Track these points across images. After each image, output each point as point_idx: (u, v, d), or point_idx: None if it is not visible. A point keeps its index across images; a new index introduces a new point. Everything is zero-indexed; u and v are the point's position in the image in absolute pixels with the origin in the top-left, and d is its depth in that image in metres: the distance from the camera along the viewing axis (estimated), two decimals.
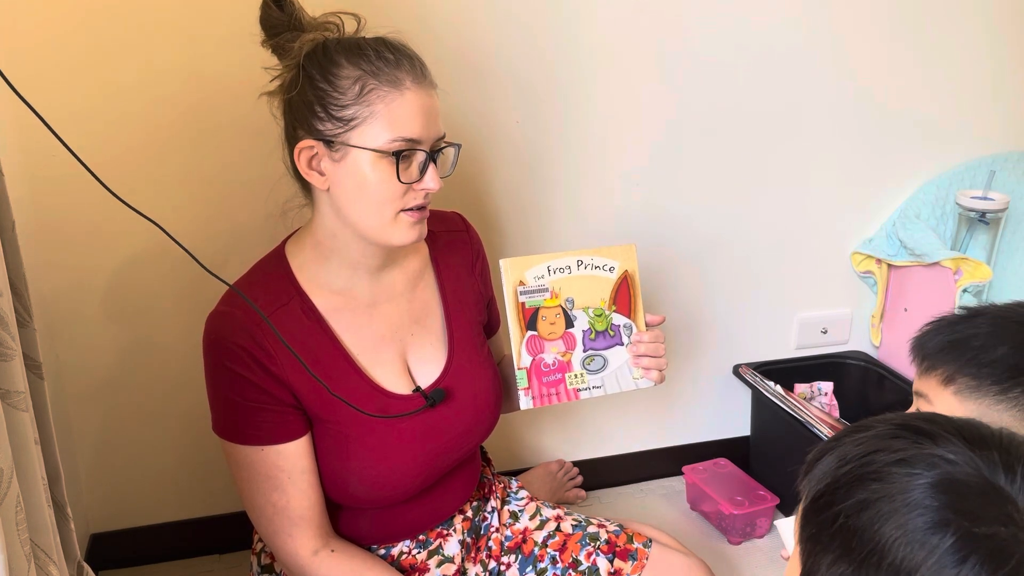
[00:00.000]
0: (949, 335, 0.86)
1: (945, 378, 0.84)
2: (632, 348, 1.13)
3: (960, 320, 0.87)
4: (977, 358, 0.82)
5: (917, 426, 0.55)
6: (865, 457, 0.54)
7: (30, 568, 0.67)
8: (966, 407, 0.83)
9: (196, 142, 1.35)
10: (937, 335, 0.87)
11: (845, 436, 0.58)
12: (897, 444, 0.54)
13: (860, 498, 0.53)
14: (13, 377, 0.69)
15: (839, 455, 0.56)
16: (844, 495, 0.54)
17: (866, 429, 0.57)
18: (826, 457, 0.57)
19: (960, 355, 0.83)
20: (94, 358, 1.43)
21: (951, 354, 0.84)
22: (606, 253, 1.11)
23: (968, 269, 1.54)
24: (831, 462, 0.56)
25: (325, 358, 1.05)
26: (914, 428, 0.55)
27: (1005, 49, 1.68)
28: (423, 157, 0.99)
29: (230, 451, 1.05)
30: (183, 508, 1.57)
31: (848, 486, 0.54)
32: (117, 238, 1.38)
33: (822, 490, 0.56)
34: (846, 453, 0.56)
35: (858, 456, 0.55)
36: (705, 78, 1.54)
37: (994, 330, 0.83)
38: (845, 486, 0.54)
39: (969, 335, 0.84)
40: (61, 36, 1.25)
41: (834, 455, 0.57)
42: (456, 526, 1.19)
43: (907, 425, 0.56)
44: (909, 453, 0.53)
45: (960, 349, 0.84)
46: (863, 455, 0.55)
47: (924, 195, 1.71)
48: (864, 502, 0.52)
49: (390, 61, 0.97)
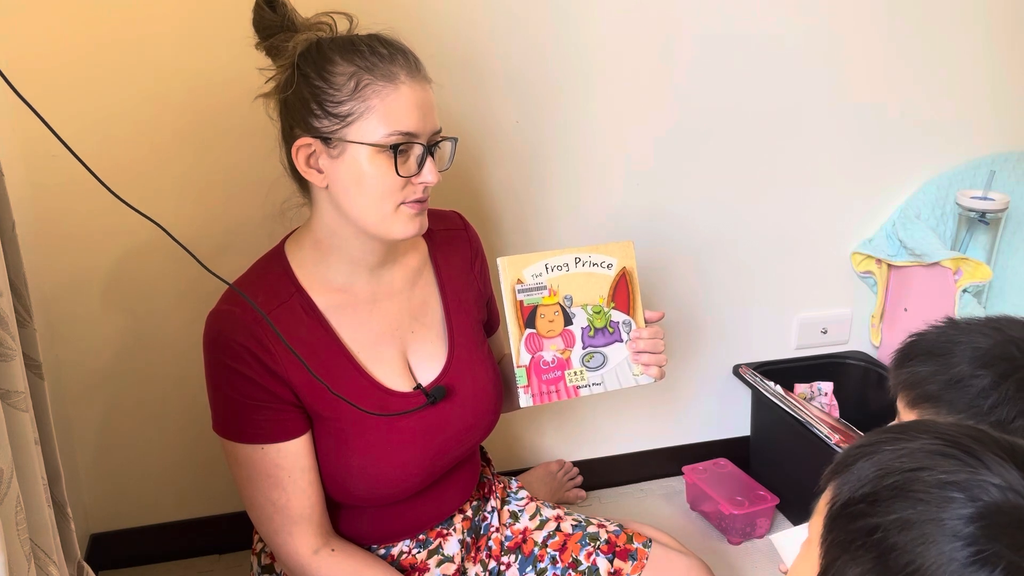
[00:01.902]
0: (918, 358, 0.85)
1: (909, 402, 0.85)
2: (631, 345, 1.13)
3: (936, 339, 0.85)
4: (939, 386, 0.81)
5: (966, 444, 0.53)
6: (909, 473, 0.53)
7: (30, 568, 0.67)
8: None
9: (195, 143, 1.35)
10: (908, 357, 0.86)
11: (884, 443, 0.56)
12: (944, 464, 0.52)
13: (903, 516, 0.51)
14: (13, 377, 0.69)
15: (879, 464, 0.55)
16: (885, 509, 0.52)
17: (907, 439, 0.55)
18: (862, 462, 0.55)
19: (924, 381, 0.83)
20: (94, 358, 1.43)
21: (915, 379, 0.84)
22: (604, 250, 1.11)
23: (968, 269, 1.54)
24: (869, 469, 0.55)
25: (326, 356, 1.05)
26: (962, 446, 0.53)
27: (1005, 49, 1.68)
28: (420, 150, 0.99)
29: (230, 450, 1.05)
30: (183, 508, 1.57)
31: (889, 500, 0.52)
32: (117, 238, 1.38)
33: (858, 498, 0.54)
34: (888, 464, 0.54)
35: (902, 470, 0.53)
36: (705, 78, 1.54)
37: (964, 356, 0.81)
38: (886, 500, 0.53)
39: (936, 359, 0.83)
40: (61, 35, 1.25)
41: (872, 462, 0.55)
42: (456, 525, 1.19)
43: (955, 442, 0.54)
44: (959, 477, 0.51)
45: (925, 373, 0.83)
46: (908, 470, 0.53)
47: (924, 195, 1.71)
48: (907, 522, 0.51)
49: (384, 56, 0.97)
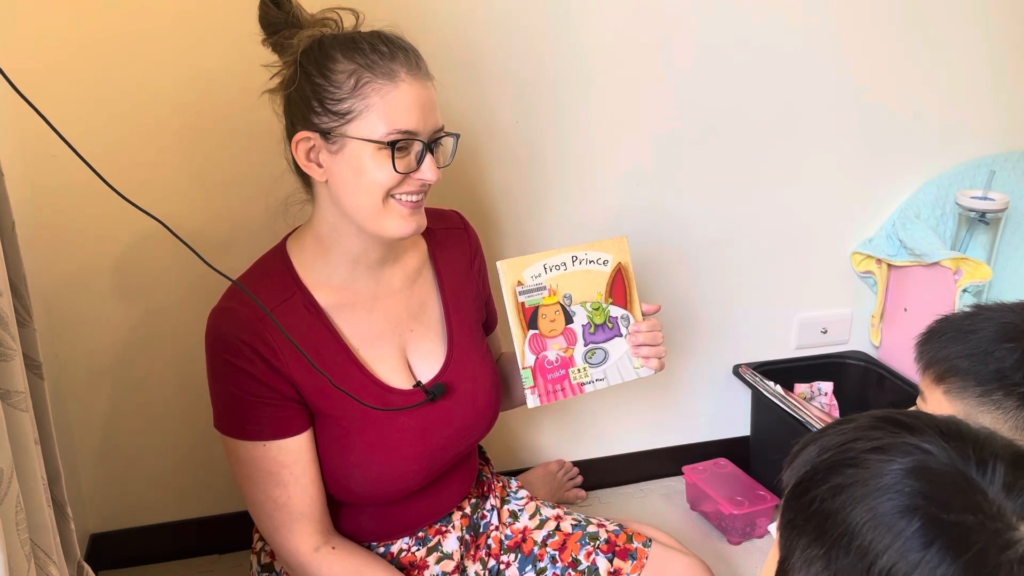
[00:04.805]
0: (947, 335, 0.86)
1: (937, 377, 0.85)
2: (631, 338, 1.14)
3: (963, 319, 0.87)
4: (967, 359, 0.83)
5: (898, 419, 0.57)
6: (844, 445, 0.56)
7: (30, 568, 0.67)
8: (953, 407, 0.83)
9: (198, 140, 1.35)
10: (936, 334, 0.87)
11: (829, 428, 0.59)
12: (875, 434, 0.55)
13: (835, 483, 0.54)
14: (13, 377, 0.69)
15: (820, 445, 0.58)
16: (821, 480, 0.55)
17: (849, 421, 0.59)
18: (809, 447, 0.59)
19: (952, 355, 0.84)
20: (94, 358, 1.43)
21: (944, 354, 0.85)
22: (599, 247, 1.13)
23: (968, 269, 1.54)
24: (813, 451, 0.58)
25: (327, 353, 1.05)
26: (894, 420, 0.56)
27: (1005, 49, 1.68)
28: (420, 148, 0.99)
29: (231, 447, 1.06)
30: (183, 508, 1.57)
31: (826, 472, 0.55)
32: (118, 237, 1.38)
33: (801, 477, 0.57)
34: (827, 443, 0.57)
35: (837, 444, 0.56)
36: (705, 77, 1.54)
37: (991, 332, 0.83)
38: (823, 472, 0.55)
39: (965, 335, 0.84)
40: (62, 35, 1.25)
41: (816, 445, 0.58)
42: (455, 523, 1.20)
43: (888, 418, 0.57)
44: (885, 441, 0.54)
45: (953, 349, 0.84)
46: (842, 444, 0.56)
47: (924, 195, 1.71)
48: (838, 487, 0.54)
49: (385, 54, 0.97)
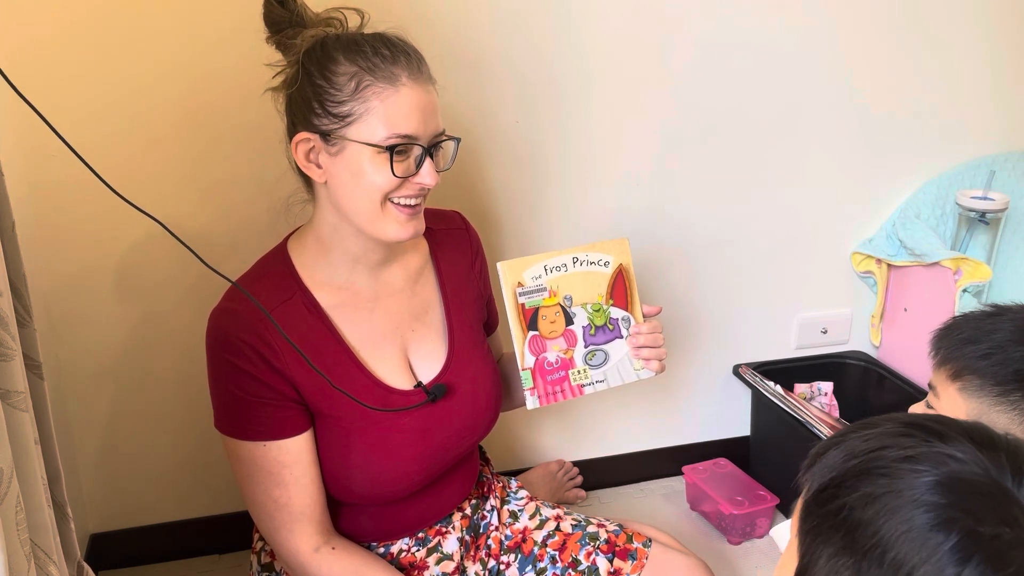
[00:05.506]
0: (966, 332, 0.85)
1: (953, 373, 0.85)
2: (632, 340, 1.14)
3: (983, 318, 0.86)
4: (986, 358, 0.82)
5: (927, 425, 0.55)
6: (873, 452, 0.55)
7: (30, 568, 0.67)
8: (969, 404, 0.83)
9: (199, 140, 1.35)
10: (956, 330, 0.87)
11: (851, 432, 0.58)
12: (906, 441, 0.54)
13: (866, 492, 0.53)
14: (13, 377, 0.69)
15: (846, 449, 0.56)
16: (850, 488, 0.54)
17: (874, 426, 0.58)
18: (832, 451, 0.57)
19: (970, 353, 0.83)
20: (94, 358, 1.43)
21: (963, 351, 0.84)
22: (600, 248, 1.12)
23: (968, 269, 1.54)
24: (837, 456, 0.56)
25: (327, 353, 1.05)
26: (924, 427, 0.55)
27: (1005, 49, 1.68)
28: (419, 152, 0.99)
29: (232, 447, 1.06)
30: (183, 508, 1.57)
31: (855, 480, 0.54)
32: (118, 237, 1.38)
33: (827, 483, 0.56)
34: (853, 448, 0.56)
35: (866, 451, 0.55)
36: (705, 78, 1.54)
37: (1011, 333, 0.83)
38: (852, 479, 0.54)
39: (985, 334, 0.84)
40: (62, 34, 1.25)
41: (840, 449, 0.57)
42: (455, 523, 1.20)
43: (917, 424, 0.56)
44: (918, 451, 0.53)
45: (972, 347, 0.84)
46: (871, 450, 0.55)
47: (924, 195, 1.71)
48: (870, 496, 0.52)
49: (386, 57, 0.97)
